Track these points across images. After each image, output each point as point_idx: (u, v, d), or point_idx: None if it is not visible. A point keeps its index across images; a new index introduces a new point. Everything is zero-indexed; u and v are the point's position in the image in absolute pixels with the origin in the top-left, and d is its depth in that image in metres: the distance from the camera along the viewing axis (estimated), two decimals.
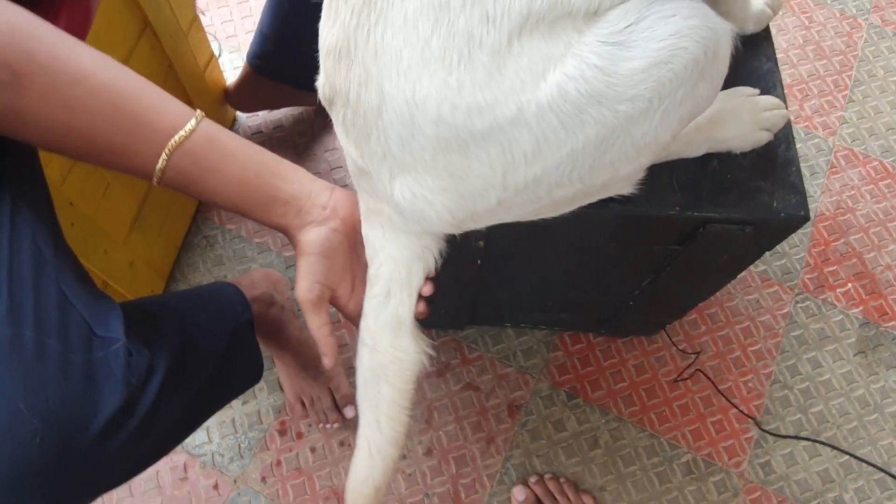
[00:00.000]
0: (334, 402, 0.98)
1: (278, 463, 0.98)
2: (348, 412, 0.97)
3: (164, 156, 0.47)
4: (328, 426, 0.98)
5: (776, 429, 1.03)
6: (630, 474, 0.99)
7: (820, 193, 1.23)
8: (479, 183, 0.48)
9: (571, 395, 1.04)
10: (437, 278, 0.84)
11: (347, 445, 0.99)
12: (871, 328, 1.11)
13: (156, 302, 0.63)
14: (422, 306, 0.58)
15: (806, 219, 0.64)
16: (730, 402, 1.04)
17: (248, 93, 1.13)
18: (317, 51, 0.51)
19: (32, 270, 0.45)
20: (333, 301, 0.57)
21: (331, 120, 0.54)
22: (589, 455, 1.00)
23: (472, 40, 0.41)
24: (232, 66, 1.27)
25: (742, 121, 0.64)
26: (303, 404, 1.01)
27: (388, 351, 0.56)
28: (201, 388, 0.60)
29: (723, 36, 0.44)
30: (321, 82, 0.51)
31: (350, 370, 1.04)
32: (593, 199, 0.54)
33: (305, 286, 0.54)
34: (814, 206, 1.21)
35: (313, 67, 0.52)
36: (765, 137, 0.65)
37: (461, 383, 1.04)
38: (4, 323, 0.41)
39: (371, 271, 0.57)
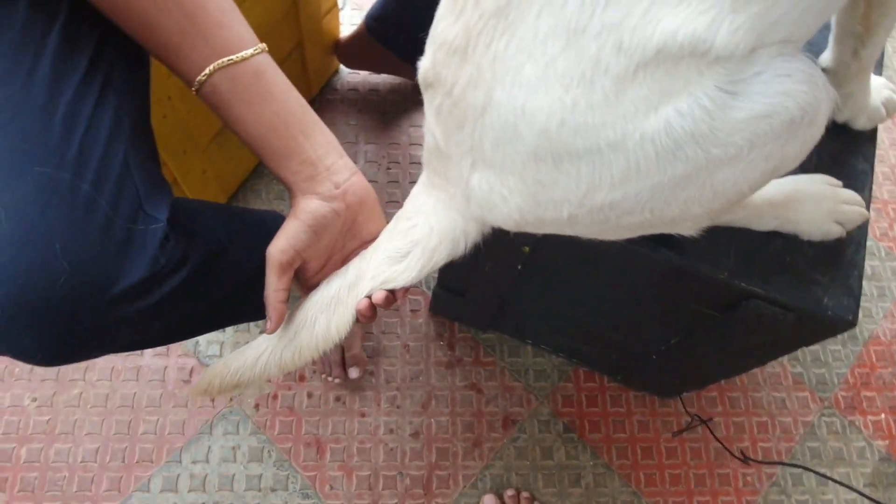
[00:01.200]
0: (343, 358, 1.00)
1: (275, 396, 1.01)
2: (352, 373, 1.00)
3: (207, 70, 0.49)
4: (330, 378, 1.00)
5: None
6: None
7: (882, 316, 1.18)
8: (559, 195, 0.49)
9: (568, 428, 1.03)
10: (474, 273, 0.85)
11: (342, 402, 1.02)
12: (891, 465, 1.06)
13: (208, 206, 0.67)
14: (364, 303, 0.57)
15: (852, 324, 0.63)
16: (726, 448, 1.01)
17: (357, 50, 1.17)
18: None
19: (107, 133, 0.48)
20: (299, 270, 0.57)
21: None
22: (567, 490, 0.99)
23: (599, 65, 0.42)
24: (350, 22, 1.32)
25: (818, 207, 0.63)
26: None
27: (358, 297, 0.57)
28: (222, 300, 0.62)
29: (824, 105, 0.44)
30: (425, 66, 0.53)
31: (367, 335, 1.06)
32: (655, 231, 0.55)
33: (281, 247, 0.53)
34: (871, 328, 1.17)
35: (423, 45, 0.54)
36: (836, 231, 0.64)
37: (467, 381, 1.05)
38: (68, 169, 0.44)
39: (400, 226, 0.58)
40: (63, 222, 0.44)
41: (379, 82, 1.26)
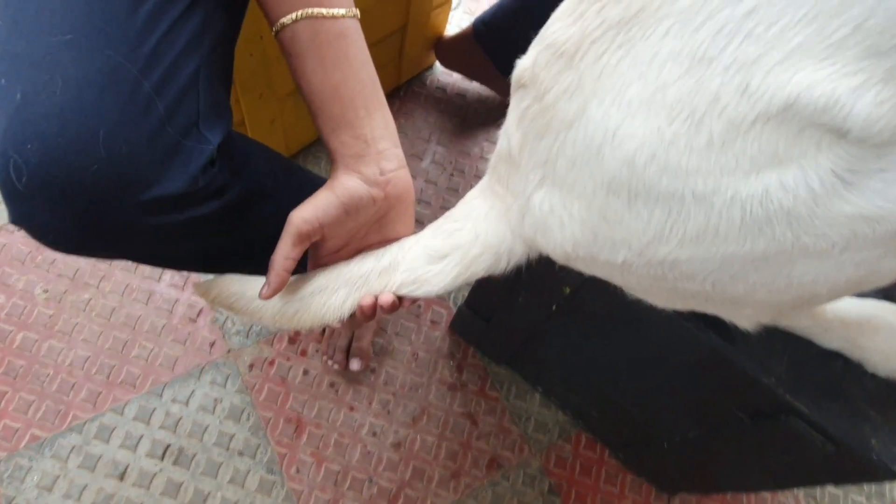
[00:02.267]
0: (349, 346, 0.97)
1: (271, 362, 0.98)
2: (353, 364, 0.96)
3: (294, 15, 0.48)
4: (330, 362, 0.97)
5: None
6: None
7: None
8: (620, 236, 0.45)
9: (554, 490, 0.97)
10: (505, 301, 0.81)
11: (335, 390, 0.98)
12: None
13: (264, 149, 0.65)
14: (369, 301, 0.54)
15: (895, 476, 0.56)
16: None
17: (457, 51, 1.15)
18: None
19: (185, 42, 0.46)
20: (315, 246, 0.55)
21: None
22: None
23: (716, 105, 0.38)
24: (458, 24, 1.30)
25: (893, 341, 0.57)
26: (322, 331, 1.01)
27: (386, 285, 0.55)
28: (248, 244, 0.60)
29: None
30: (524, 64, 0.50)
31: (379, 331, 1.03)
32: (708, 310, 0.50)
33: (305, 216, 0.51)
34: None
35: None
36: None
37: (465, 409, 1.00)
38: (137, 62, 0.43)
39: (445, 225, 0.55)
40: (115, 112, 0.42)
41: (468, 89, 1.24)
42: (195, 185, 0.47)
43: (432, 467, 0.96)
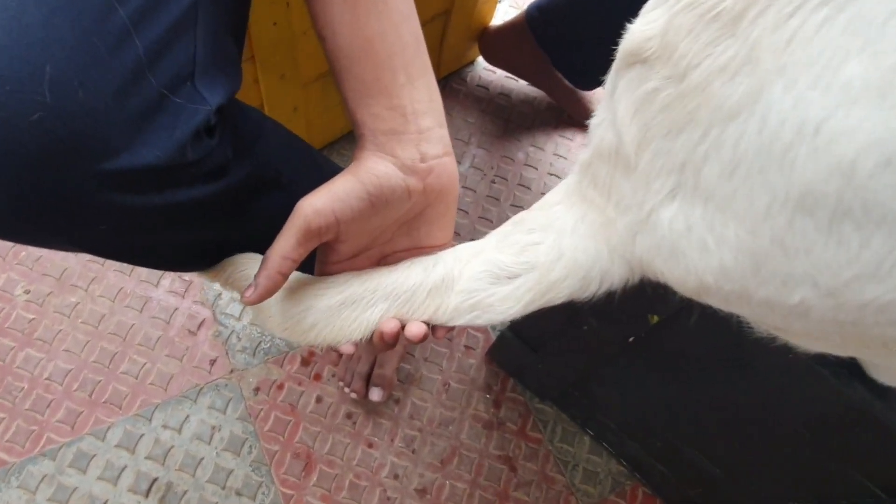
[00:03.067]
0: (370, 373, 0.84)
1: (280, 386, 0.85)
2: (374, 394, 0.83)
3: None
4: (347, 390, 0.84)
5: None
6: None
7: None
8: (803, 269, 0.31)
9: None
10: (568, 329, 0.68)
11: (353, 421, 0.84)
12: None
13: (283, 130, 0.53)
14: (392, 326, 0.42)
15: None
16: None
17: (505, 43, 1.03)
18: (603, 44, 0.38)
19: None
20: (326, 247, 0.42)
21: (558, 125, 0.40)
22: None
23: None
24: (502, 18, 1.18)
25: None
26: (340, 354, 0.88)
27: (437, 307, 0.42)
28: (249, 244, 0.48)
29: None
30: (646, 32, 0.35)
31: (406, 355, 0.89)
32: (888, 361, 0.36)
33: (318, 206, 0.39)
34: None
35: (584, 54, 0.38)
36: None
37: (502, 452, 0.86)
38: None
39: (517, 237, 0.42)
40: (70, 43, 0.29)
41: (514, 88, 1.12)
42: (182, 158, 0.34)
43: None
